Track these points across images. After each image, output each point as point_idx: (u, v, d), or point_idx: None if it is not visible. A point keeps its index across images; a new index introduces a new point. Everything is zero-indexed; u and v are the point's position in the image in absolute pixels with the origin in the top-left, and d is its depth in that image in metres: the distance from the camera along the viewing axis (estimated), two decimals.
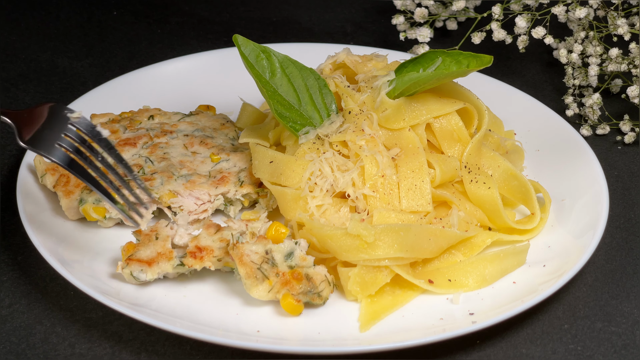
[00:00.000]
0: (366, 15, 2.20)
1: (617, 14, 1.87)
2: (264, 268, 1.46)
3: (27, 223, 1.55)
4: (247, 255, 1.46)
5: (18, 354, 1.44)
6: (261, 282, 1.46)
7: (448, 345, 1.45)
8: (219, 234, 1.50)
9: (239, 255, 1.46)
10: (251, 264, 1.46)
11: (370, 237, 1.47)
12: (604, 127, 1.86)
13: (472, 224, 1.57)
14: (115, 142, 1.69)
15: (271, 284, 1.46)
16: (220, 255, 1.48)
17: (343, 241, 1.49)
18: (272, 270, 1.46)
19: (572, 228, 1.59)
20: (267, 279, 1.46)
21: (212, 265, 1.48)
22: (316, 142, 1.60)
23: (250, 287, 1.46)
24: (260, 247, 1.47)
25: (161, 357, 1.44)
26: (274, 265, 1.46)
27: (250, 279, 1.45)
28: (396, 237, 1.48)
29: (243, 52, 1.65)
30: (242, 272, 1.45)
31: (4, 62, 2.04)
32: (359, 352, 1.40)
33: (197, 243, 1.49)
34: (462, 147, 1.61)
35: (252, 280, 1.45)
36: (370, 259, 1.48)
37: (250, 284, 1.45)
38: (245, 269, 1.45)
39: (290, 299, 1.45)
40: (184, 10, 2.21)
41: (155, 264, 1.48)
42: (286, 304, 1.46)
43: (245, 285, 1.46)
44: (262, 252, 1.47)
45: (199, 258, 1.48)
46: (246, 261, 1.46)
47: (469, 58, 1.60)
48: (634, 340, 1.47)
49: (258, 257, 1.46)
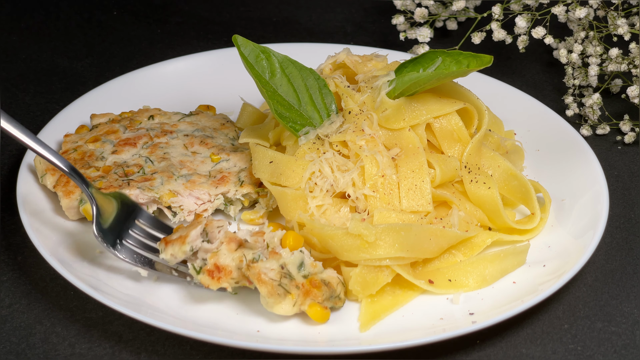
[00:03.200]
0: (366, 15, 2.20)
1: (617, 14, 1.87)
2: (284, 283, 1.44)
3: (27, 223, 1.55)
4: (265, 274, 1.43)
5: (18, 354, 1.44)
6: (284, 298, 1.43)
7: (448, 345, 1.45)
8: (239, 252, 1.45)
9: (256, 276, 1.43)
10: (271, 282, 1.43)
11: (371, 236, 1.47)
12: (604, 127, 1.86)
13: (472, 224, 1.57)
14: (115, 142, 1.69)
15: (294, 297, 1.43)
16: (237, 278, 1.45)
17: (344, 241, 1.49)
18: (291, 284, 1.44)
19: (572, 228, 1.59)
20: (289, 293, 1.43)
21: (229, 287, 1.45)
22: (316, 142, 1.60)
23: (273, 304, 1.43)
24: (274, 263, 1.44)
25: (161, 357, 1.44)
26: (291, 279, 1.44)
27: (273, 296, 1.42)
28: (397, 237, 1.48)
29: (243, 53, 1.65)
30: (264, 291, 1.42)
31: (4, 62, 2.04)
32: (359, 352, 1.40)
33: (216, 260, 1.45)
34: (462, 147, 1.61)
35: (274, 297, 1.42)
36: (371, 258, 1.48)
37: (273, 302, 1.43)
38: (267, 287, 1.42)
39: (317, 307, 1.44)
40: (184, 10, 2.21)
41: (171, 245, 1.46)
42: (314, 313, 1.44)
43: (267, 303, 1.43)
44: (277, 268, 1.44)
45: (217, 278, 1.45)
46: (265, 280, 1.43)
47: (469, 58, 1.60)
48: (634, 340, 1.47)
49: (275, 273, 1.44)
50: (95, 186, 1.51)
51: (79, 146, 1.69)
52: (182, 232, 1.47)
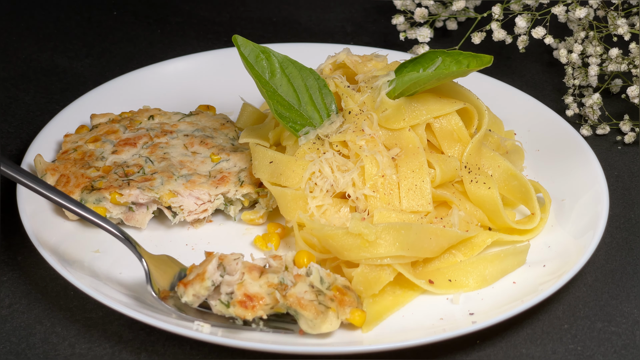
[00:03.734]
0: (366, 15, 2.20)
1: (617, 14, 1.87)
2: (321, 300, 1.42)
3: (27, 223, 1.55)
4: (301, 298, 1.42)
5: (18, 354, 1.44)
6: (327, 314, 1.41)
7: (448, 345, 1.45)
8: (264, 278, 1.43)
9: (297, 303, 1.41)
10: (311, 303, 1.41)
11: (371, 235, 1.47)
12: (604, 127, 1.86)
13: (473, 224, 1.57)
14: (115, 142, 1.69)
15: (335, 310, 1.42)
16: (271, 303, 1.42)
17: (344, 240, 1.49)
18: (326, 299, 1.43)
19: (572, 228, 1.59)
20: (329, 308, 1.42)
21: (265, 314, 1.42)
22: (316, 142, 1.60)
23: (320, 324, 1.41)
24: (304, 285, 1.43)
25: (161, 357, 1.44)
26: (323, 294, 1.43)
27: (319, 316, 1.41)
28: (397, 236, 1.48)
29: (243, 53, 1.65)
30: (310, 315, 1.40)
31: (4, 62, 2.04)
32: (359, 352, 1.40)
33: (244, 290, 1.42)
34: (462, 147, 1.61)
35: (320, 317, 1.41)
36: (372, 257, 1.48)
37: (320, 321, 1.41)
38: (310, 310, 1.41)
39: (358, 312, 1.43)
40: (184, 10, 2.21)
41: (190, 285, 1.43)
42: (358, 318, 1.43)
43: (313, 326, 1.41)
44: (308, 289, 1.43)
45: (251, 307, 1.42)
46: (306, 303, 1.41)
47: (469, 58, 1.60)
48: (634, 340, 1.47)
49: (309, 294, 1.43)
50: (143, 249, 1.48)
51: (79, 146, 1.69)
52: (197, 270, 1.44)
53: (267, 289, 1.43)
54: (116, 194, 1.58)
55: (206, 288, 1.42)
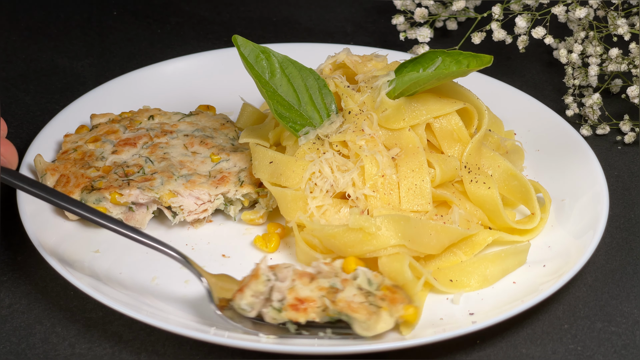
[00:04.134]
0: (366, 15, 2.20)
1: (617, 14, 1.87)
2: (371, 300, 1.42)
3: (27, 223, 1.55)
4: (350, 301, 1.41)
5: (18, 354, 1.44)
6: (379, 314, 1.41)
7: (448, 345, 1.45)
8: (315, 283, 1.43)
9: (347, 307, 1.41)
10: (362, 305, 1.41)
11: (372, 227, 1.47)
12: (604, 127, 1.86)
13: (473, 222, 1.57)
14: (115, 142, 1.69)
15: (387, 309, 1.41)
16: (323, 305, 1.42)
17: (347, 237, 1.49)
18: (376, 299, 1.42)
19: (572, 228, 1.59)
20: (381, 308, 1.41)
21: (317, 317, 1.42)
22: (316, 143, 1.60)
23: (374, 325, 1.40)
24: (353, 289, 1.42)
25: (161, 357, 1.44)
26: (373, 295, 1.42)
27: (371, 317, 1.40)
28: (397, 226, 1.48)
29: (242, 53, 1.65)
30: (362, 317, 1.40)
31: (4, 62, 2.04)
32: (359, 352, 1.40)
33: (295, 294, 1.42)
34: (462, 147, 1.61)
35: (373, 317, 1.40)
36: (375, 249, 1.48)
37: (373, 322, 1.40)
38: (361, 312, 1.40)
39: (410, 308, 1.42)
40: (184, 10, 2.21)
41: (246, 287, 1.42)
42: (410, 316, 1.42)
43: (367, 328, 1.41)
44: (357, 292, 1.42)
45: (302, 310, 1.41)
46: (356, 306, 1.41)
47: (469, 58, 1.60)
48: (634, 341, 1.47)
49: (358, 296, 1.42)
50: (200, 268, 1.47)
51: (79, 146, 1.69)
52: (248, 277, 1.44)
53: (318, 292, 1.42)
54: (116, 194, 1.58)
55: (263, 283, 1.41)
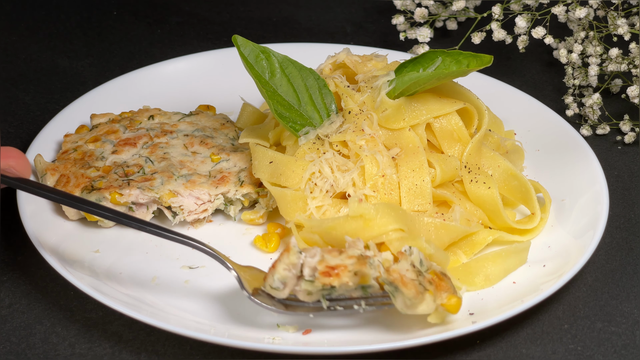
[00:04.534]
0: (366, 15, 2.20)
1: (617, 14, 1.87)
2: (421, 281, 1.39)
3: (27, 223, 1.55)
4: (405, 276, 1.38)
5: (18, 354, 1.44)
6: (424, 296, 1.38)
7: (448, 345, 1.45)
8: (344, 254, 1.41)
9: (399, 279, 1.37)
10: (413, 282, 1.38)
11: (371, 211, 1.47)
12: (604, 127, 1.86)
13: (474, 221, 1.57)
14: (115, 142, 1.69)
15: (432, 293, 1.39)
16: (355, 268, 1.39)
17: (347, 226, 1.49)
18: (425, 281, 1.40)
19: (572, 228, 1.59)
20: (427, 290, 1.39)
21: (350, 280, 1.39)
22: (316, 142, 1.60)
23: (417, 304, 1.38)
24: (406, 264, 1.40)
25: (161, 357, 1.44)
26: (423, 276, 1.41)
27: (418, 296, 1.38)
28: (395, 212, 1.49)
29: (242, 53, 1.65)
30: (410, 293, 1.37)
31: (4, 62, 2.04)
32: (359, 352, 1.40)
33: (326, 263, 1.40)
34: (462, 147, 1.61)
35: (419, 297, 1.38)
36: (377, 234, 1.48)
37: (418, 301, 1.38)
38: (411, 288, 1.37)
39: (453, 298, 1.40)
40: (184, 10, 2.21)
41: (279, 261, 1.40)
42: (452, 303, 1.41)
43: (411, 304, 1.38)
44: (410, 267, 1.40)
45: (335, 275, 1.38)
46: (408, 281, 1.37)
47: (469, 58, 1.60)
48: (634, 341, 1.47)
49: (411, 272, 1.39)
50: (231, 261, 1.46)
51: (79, 146, 1.69)
52: (278, 258, 1.42)
53: (348, 260, 1.39)
54: (116, 194, 1.58)
55: (295, 255, 1.39)
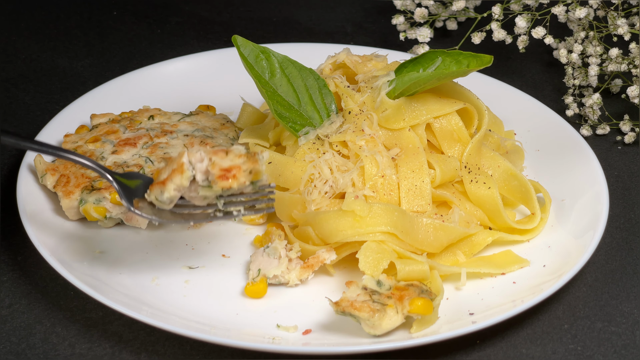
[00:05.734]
0: (366, 15, 2.20)
1: (617, 14, 1.87)
2: (376, 298, 1.42)
3: (27, 223, 1.55)
4: (353, 299, 1.41)
5: (18, 354, 1.44)
6: (383, 312, 1.40)
7: (448, 345, 1.45)
8: (231, 155, 1.40)
9: (350, 306, 1.40)
10: (366, 303, 1.40)
11: (364, 211, 1.47)
12: (604, 127, 1.86)
13: (473, 223, 1.57)
14: (115, 142, 1.69)
15: (393, 306, 1.41)
16: (248, 167, 1.38)
17: (339, 221, 1.49)
18: (382, 298, 1.42)
19: (572, 228, 1.59)
20: (386, 305, 1.41)
21: (246, 180, 1.39)
22: (316, 143, 1.60)
23: (379, 322, 1.40)
24: (356, 289, 1.43)
25: (161, 357, 1.44)
26: (379, 294, 1.43)
27: (376, 313, 1.40)
28: (390, 215, 1.48)
29: (242, 53, 1.65)
30: (364, 315, 1.39)
31: (4, 62, 2.04)
32: (359, 352, 1.40)
33: (219, 166, 1.39)
34: (462, 147, 1.61)
35: (378, 314, 1.40)
36: (365, 232, 1.48)
37: (378, 319, 1.40)
38: (365, 310, 1.40)
39: (417, 301, 1.41)
40: (184, 10, 2.21)
41: (169, 181, 1.40)
42: (419, 307, 1.41)
43: (373, 325, 1.40)
44: (362, 291, 1.43)
45: (232, 177, 1.38)
46: (359, 305, 1.40)
47: (469, 58, 1.60)
48: (634, 341, 1.47)
49: (364, 294, 1.42)
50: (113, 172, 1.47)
51: (79, 146, 1.69)
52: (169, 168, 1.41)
53: (238, 159, 1.40)
54: (116, 194, 1.58)
55: (187, 178, 1.39)
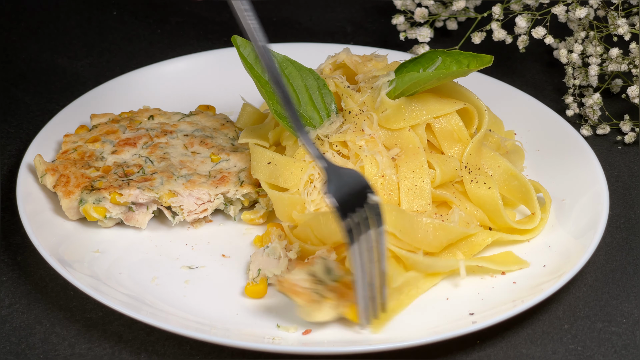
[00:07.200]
0: (366, 15, 2.20)
1: (617, 14, 1.87)
2: (319, 289, 1.42)
3: (27, 223, 1.55)
4: (297, 285, 1.42)
5: (18, 354, 1.44)
6: (321, 304, 1.42)
7: (448, 345, 1.45)
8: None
9: (291, 288, 1.41)
10: (306, 292, 1.42)
11: None
12: (604, 127, 1.86)
13: (473, 224, 1.57)
14: (115, 142, 1.69)
15: (332, 301, 1.42)
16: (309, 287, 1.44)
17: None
18: (325, 290, 1.43)
19: (572, 228, 1.59)
20: (325, 298, 1.42)
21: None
22: (316, 143, 1.60)
23: (312, 312, 1.41)
24: (301, 273, 1.43)
25: (161, 357, 1.44)
26: (324, 284, 1.43)
27: (312, 304, 1.41)
28: (388, 215, 1.48)
29: (242, 53, 1.65)
30: (301, 302, 1.41)
31: (4, 62, 2.04)
32: (359, 352, 1.40)
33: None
34: (462, 147, 1.61)
35: (313, 304, 1.41)
36: None
37: (312, 310, 1.41)
38: (302, 297, 1.41)
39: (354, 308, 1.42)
40: (184, 10, 2.21)
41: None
42: (352, 315, 1.43)
43: (305, 313, 1.42)
44: (307, 277, 1.43)
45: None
46: (299, 290, 1.42)
47: (469, 58, 1.60)
48: (634, 341, 1.47)
49: (308, 282, 1.43)
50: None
51: (79, 146, 1.69)
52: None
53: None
54: (116, 194, 1.58)
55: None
